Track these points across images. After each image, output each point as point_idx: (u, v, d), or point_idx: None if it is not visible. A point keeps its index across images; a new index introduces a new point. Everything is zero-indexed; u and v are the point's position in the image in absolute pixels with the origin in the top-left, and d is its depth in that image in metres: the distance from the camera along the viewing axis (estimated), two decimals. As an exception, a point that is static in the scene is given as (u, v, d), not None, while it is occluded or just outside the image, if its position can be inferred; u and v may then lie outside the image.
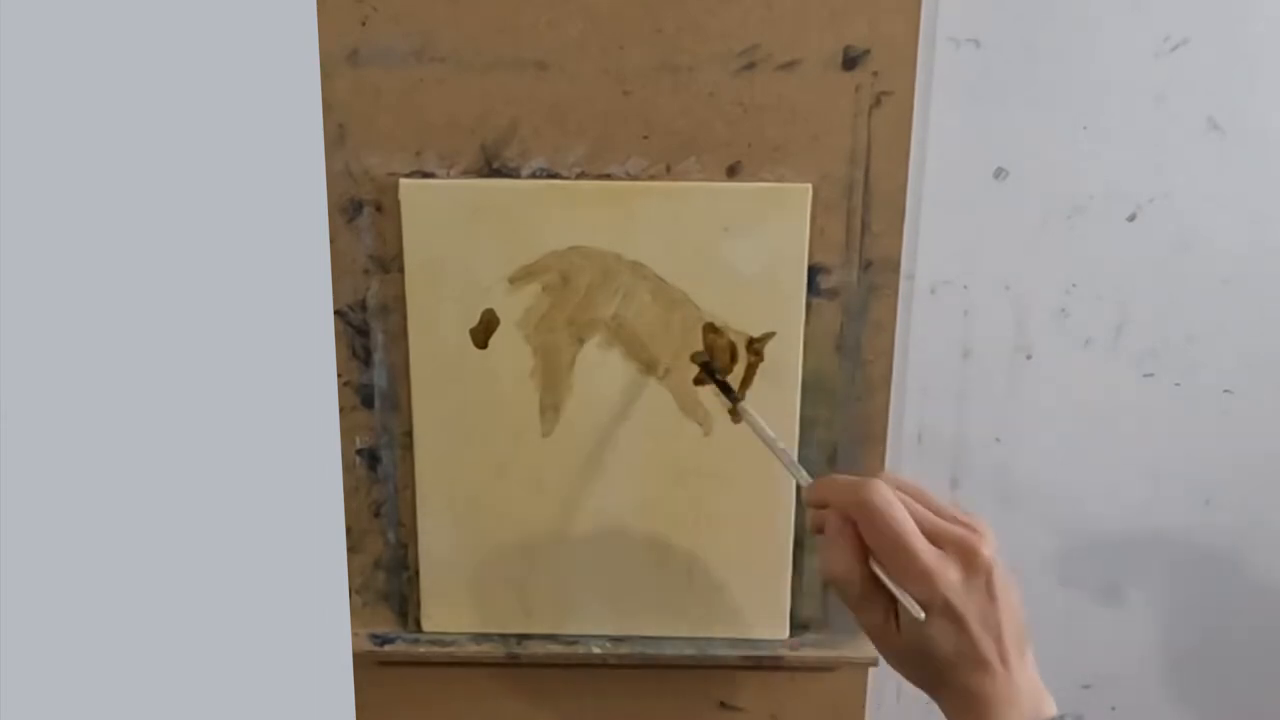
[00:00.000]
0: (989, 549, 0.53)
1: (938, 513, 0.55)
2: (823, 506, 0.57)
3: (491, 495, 0.69)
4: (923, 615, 0.53)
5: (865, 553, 0.55)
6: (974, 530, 0.54)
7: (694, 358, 0.66)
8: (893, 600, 0.54)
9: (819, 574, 0.55)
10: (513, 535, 0.70)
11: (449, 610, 0.71)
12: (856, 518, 0.54)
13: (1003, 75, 0.66)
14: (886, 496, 0.53)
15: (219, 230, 0.34)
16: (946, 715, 0.55)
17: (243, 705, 0.37)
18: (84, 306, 0.31)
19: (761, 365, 0.66)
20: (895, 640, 0.55)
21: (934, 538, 0.54)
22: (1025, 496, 0.74)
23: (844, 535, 0.55)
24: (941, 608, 0.53)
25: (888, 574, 0.54)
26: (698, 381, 0.67)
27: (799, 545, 0.70)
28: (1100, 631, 0.77)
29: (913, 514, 0.54)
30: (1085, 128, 0.67)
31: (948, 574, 0.53)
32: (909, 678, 0.56)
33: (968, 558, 0.53)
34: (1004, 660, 0.53)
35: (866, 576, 0.55)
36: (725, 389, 0.65)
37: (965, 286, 0.70)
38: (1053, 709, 0.54)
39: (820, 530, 0.57)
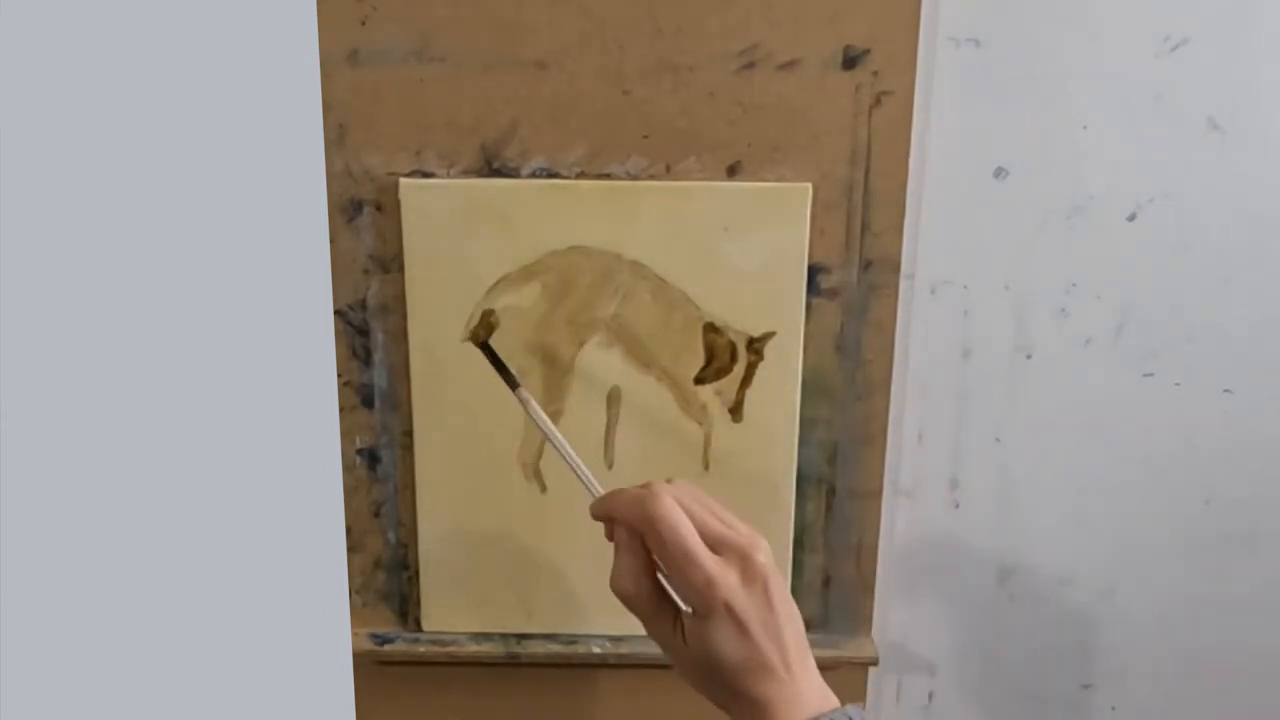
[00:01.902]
0: (764, 555, 0.55)
1: (718, 520, 0.56)
2: (609, 521, 0.58)
3: (491, 495, 0.69)
4: (689, 609, 0.54)
5: (652, 565, 0.56)
6: (749, 537, 0.56)
7: (472, 337, 0.65)
8: (679, 612, 0.56)
9: (611, 589, 0.56)
10: (513, 535, 0.70)
11: (449, 610, 0.71)
12: (642, 529, 0.55)
13: (1003, 75, 0.66)
14: (669, 506, 0.55)
15: (219, 230, 0.34)
16: None
17: (243, 705, 0.37)
18: (84, 306, 0.31)
19: (761, 365, 0.66)
20: (684, 651, 0.56)
21: (714, 545, 0.55)
22: (1025, 496, 0.74)
23: (630, 549, 0.56)
24: (724, 611, 0.54)
25: (671, 583, 0.55)
26: (698, 381, 0.67)
27: (799, 545, 0.70)
28: (1100, 631, 0.77)
29: (695, 521, 0.55)
30: (1085, 128, 0.67)
31: (727, 578, 0.54)
32: (702, 691, 0.57)
33: (745, 563, 0.54)
34: (787, 666, 0.54)
35: (653, 588, 0.56)
36: (504, 373, 0.63)
37: (965, 286, 0.70)
38: (835, 701, 0.55)
39: (612, 539, 0.58)
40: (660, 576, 0.56)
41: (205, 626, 0.35)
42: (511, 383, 0.63)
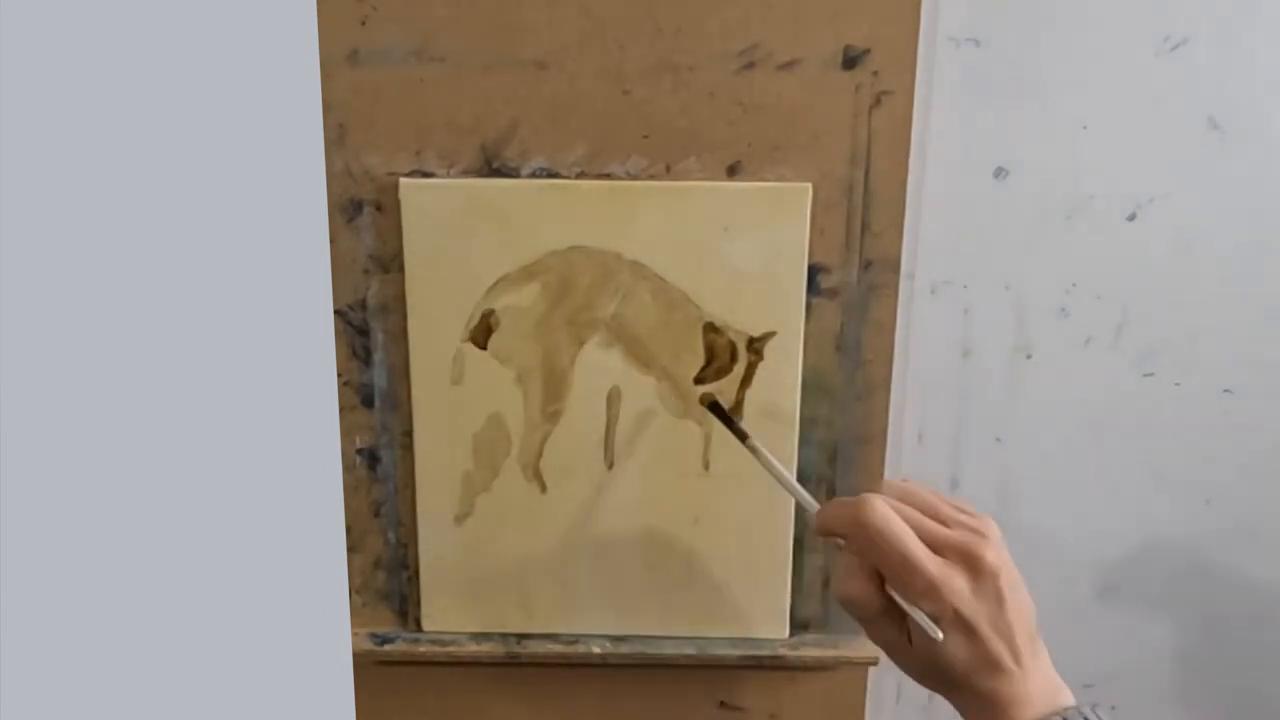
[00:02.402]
0: (993, 552, 0.53)
1: (940, 518, 0.55)
2: (830, 535, 0.56)
3: (491, 495, 0.69)
4: (940, 636, 0.52)
5: (877, 572, 0.54)
6: (977, 533, 0.54)
7: (702, 399, 0.65)
8: (904, 616, 0.54)
9: (834, 596, 0.55)
10: (513, 535, 0.70)
11: (449, 610, 0.71)
12: (858, 540, 0.54)
13: (1003, 75, 0.66)
14: (884, 514, 0.53)
15: (219, 230, 0.34)
16: (963, 716, 0.55)
17: (243, 704, 0.37)
18: (85, 306, 0.31)
19: (761, 365, 0.66)
20: (910, 654, 0.55)
21: (937, 547, 0.53)
22: (1025, 496, 0.74)
23: (850, 557, 0.55)
24: (952, 619, 0.52)
25: (897, 592, 0.54)
26: (698, 381, 0.67)
27: (799, 545, 0.70)
28: (1100, 631, 0.77)
29: (914, 525, 0.53)
30: (1085, 128, 0.67)
31: (954, 583, 0.52)
32: (930, 688, 0.56)
33: (973, 563, 0.53)
34: (1017, 660, 0.53)
35: (877, 597, 0.54)
36: (735, 429, 0.63)
37: (965, 286, 0.70)
38: (1070, 700, 0.54)
39: (837, 545, 0.57)
40: (889, 588, 0.54)
41: (205, 626, 0.35)
42: (741, 435, 0.63)
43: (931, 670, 0.54)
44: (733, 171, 0.64)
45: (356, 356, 0.68)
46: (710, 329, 0.66)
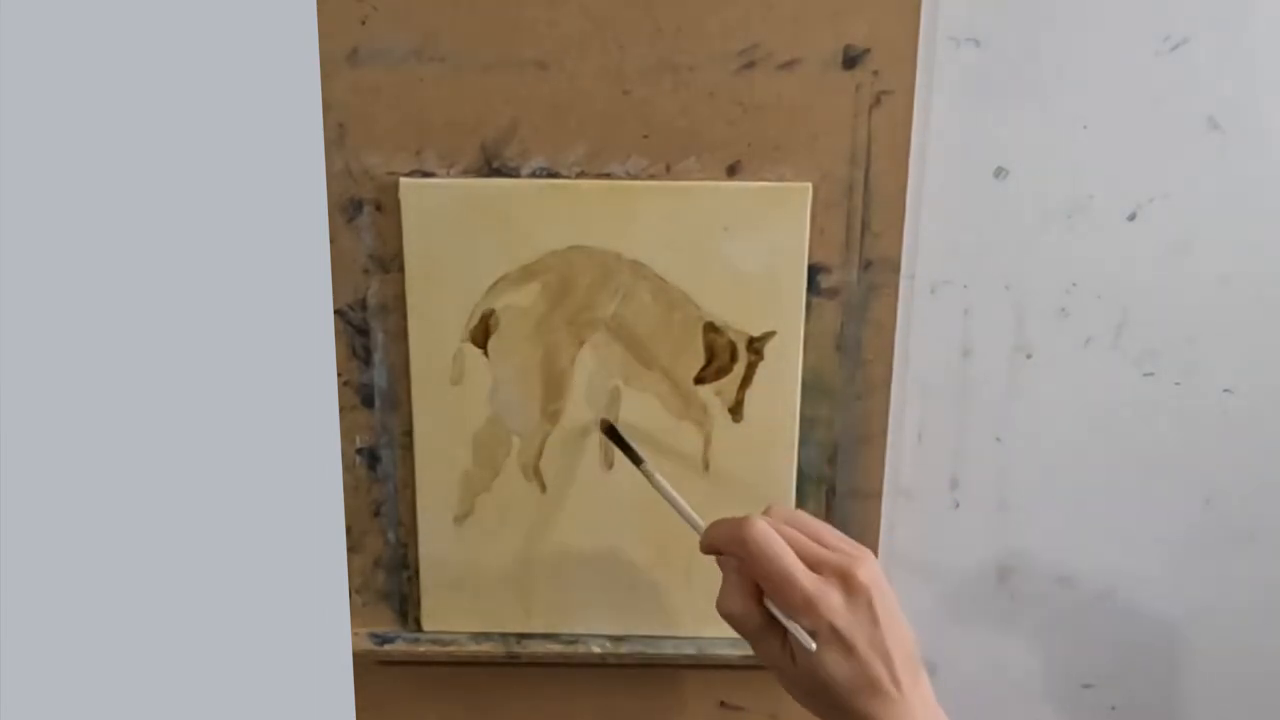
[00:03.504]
0: (866, 571, 0.55)
1: (822, 542, 0.57)
2: (713, 552, 0.58)
3: (491, 495, 0.69)
4: (814, 646, 0.54)
5: (758, 590, 0.56)
6: (853, 555, 0.56)
7: (601, 425, 0.67)
8: (786, 633, 0.56)
9: (718, 612, 0.58)
10: (513, 535, 0.70)
11: (449, 609, 0.71)
12: (740, 556, 0.56)
13: (1003, 75, 0.66)
14: (764, 531, 0.55)
15: (219, 230, 0.34)
16: None
17: (243, 704, 0.37)
18: (85, 306, 0.31)
19: (761, 365, 0.66)
20: (792, 671, 0.56)
21: (814, 565, 0.55)
22: (1025, 496, 0.74)
23: (733, 574, 0.57)
24: (828, 633, 0.54)
25: (776, 607, 0.55)
26: (698, 381, 0.67)
27: (799, 545, 0.70)
28: (1100, 631, 0.77)
29: (793, 544, 0.55)
30: (1085, 127, 0.67)
31: (829, 598, 0.54)
32: (812, 710, 0.57)
33: (847, 580, 0.54)
34: (897, 684, 0.54)
35: (759, 613, 0.56)
36: (630, 453, 0.65)
37: (965, 286, 0.70)
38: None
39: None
40: (768, 602, 0.56)
41: (205, 626, 0.35)
42: (636, 459, 0.65)
43: (813, 688, 0.55)
44: (733, 171, 0.64)
45: (356, 356, 0.68)
46: (710, 329, 0.66)
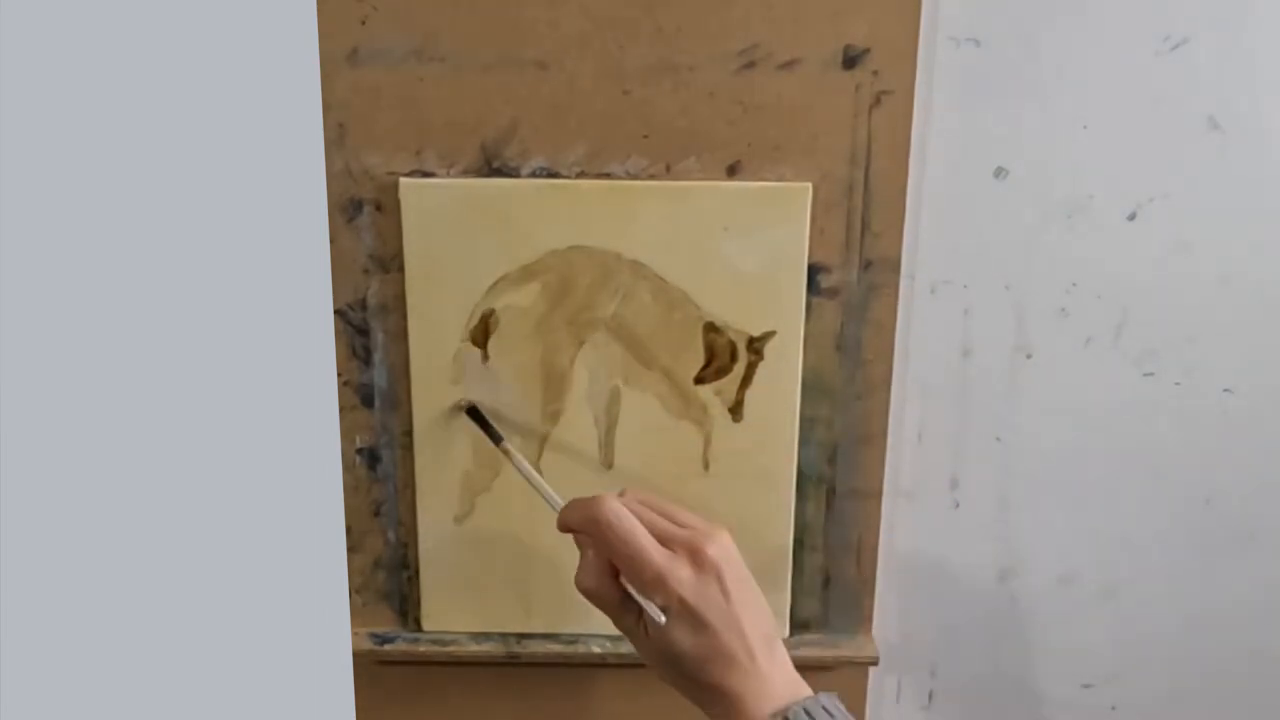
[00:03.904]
0: (715, 547, 0.56)
1: (673, 520, 0.58)
2: (569, 531, 0.60)
3: (491, 495, 0.69)
4: (663, 620, 0.55)
5: (613, 567, 0.57)
6: (703, 532, 0.57)
7: (459, 404, 0.67)
8: (640, 607, 0.57)
9: (576, 588, 0.59)
10: (513, 535, 0.70)
11: (449, 609, 0.71)
12: (592, 533, 0.57)
13: (1003, 75, 0.66)
14: (615, 510, 0.56)
15: (219, 230, 0.34)
16: (708, 717, 0.57)
17: (243, 704, 0.37)
18: (84, 306, 0.31)
19: (761, 364, 0.66)
20: (646, 645, 0.57)
21: (665, 542, 0.56)
22: (1025, 496, 0.74)
23: (590, 553, 0.58)
24: (678, 607, 0.55)
25: (629, 583, 0.57)
26: (698, 381, 0.67)
27: (799, 545, 0.70)
28: (1100, 631, 0.77)
29: (646, 523, 0.57)
30: (1085, 127, 0.67)
31: (679, 572, 0.55)
32: (672, 684, 0.58)
33: (696, 556, 0.56)
34: (751, 655, 0.55)
35: (615, 588, 0.57)
36: (490, 432, 0.66)
37: (965, 286, 0.70)
38: (808, 690, 0.56)
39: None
40: (624, 580, 0.57)
41: (205, 626, 0.35)
42: (495, 438, 0.66)
43: (666, 659, 0.57)
44: (733, 171, 0.64)
45: (356, 356, 0.68)
46: (710, 329, 0.66)
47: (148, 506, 0.33)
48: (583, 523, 0.58)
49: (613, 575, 0.58)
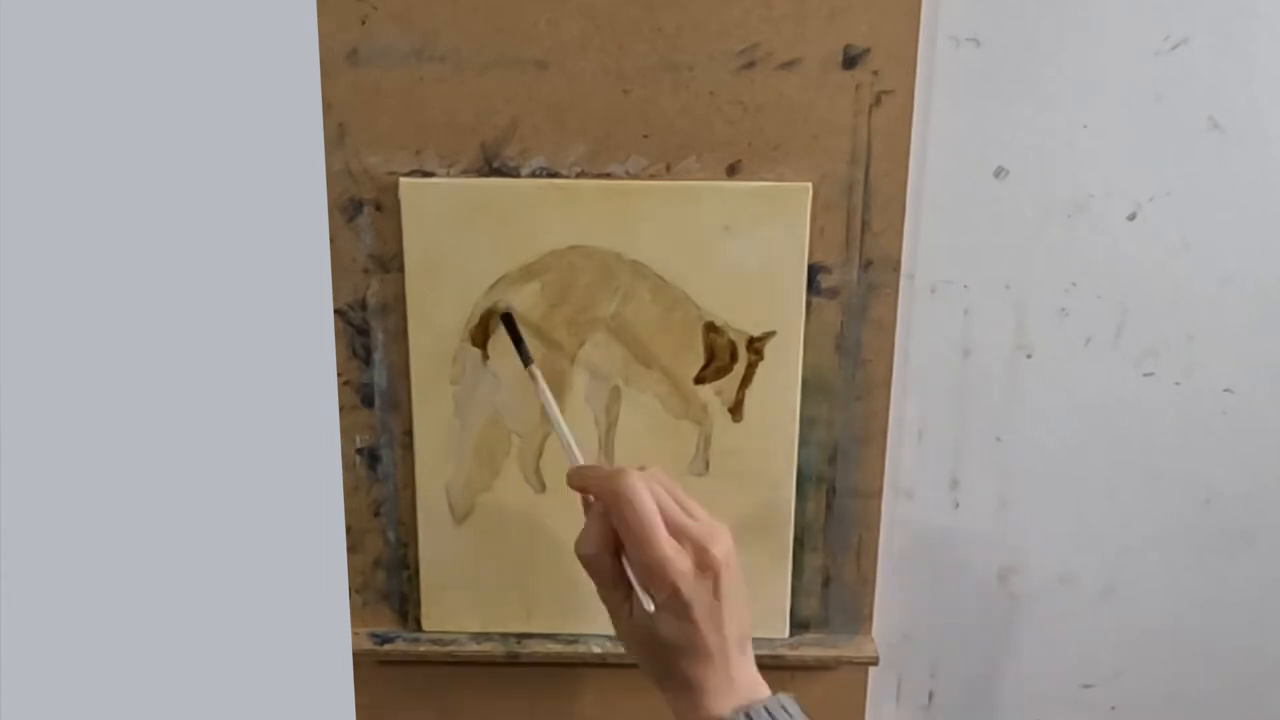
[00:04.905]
0: (720, 549, 0.57)
1: (687, 511, 0.58)
2: (583, 491, 0.60)
3: (491, 495, 0.69)
4: (652, 608, 0.56)
5: (616, 539, 0.58)
6: (712, 531, 0.57)
7: (500, 314, 0.65)
8: (631, 587, 0.57)
9: (575, 551, 0.59)
10: (513, 535, 0.70)
11: (449, 609, 0.71)
12: (608, 504, 0.57)
13: (1003, 75, 0.66)
14: (637, 486, 0.56)
15: (219, 229, 0.34)
16: (669, 704, 0.58)
17: (243, 704, 0.37)
18: (84, 306, 0.31)
19: (761, 364, 0.66)
20: (628, 624, 0.58)
21: (675, 532, 0.57)
22: (1025, 496, 0.74)
23: (597, 519, 0.58)
24: (671, 595, 0.56)
25: (629, 560, 0.57)
26: (698, 380, 0.67)
27: (799, 545, 0.70)
28: (1100, 631, 0.77)
29: (662, 507, 0.57)
30: (1085, 127, 0.67)
31: (680, 563, 0.56)
32: (639, 662, 0.59)
33: (700, 554, 0.56)
34: (724, 653, 0.57)
35: (612, 563, 0.58)
36: (522, 350, 0.65)
37: (965, 286, 0.70)
38: (767, 691, 0.57)
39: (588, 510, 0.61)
40: (625, 558, 0.58)
41: (205, 626, 0.35)
42: (525, 358, 0.64)
43: (644, 642, 0.58)
44: (733, 171, 0.64)
45: (356, 356, 0.68)
46: (710, 329, 0.66)
47: (148, 506, 0.33)
48: (600, 488, 0.58)
49: (613, 548, 0.58)
